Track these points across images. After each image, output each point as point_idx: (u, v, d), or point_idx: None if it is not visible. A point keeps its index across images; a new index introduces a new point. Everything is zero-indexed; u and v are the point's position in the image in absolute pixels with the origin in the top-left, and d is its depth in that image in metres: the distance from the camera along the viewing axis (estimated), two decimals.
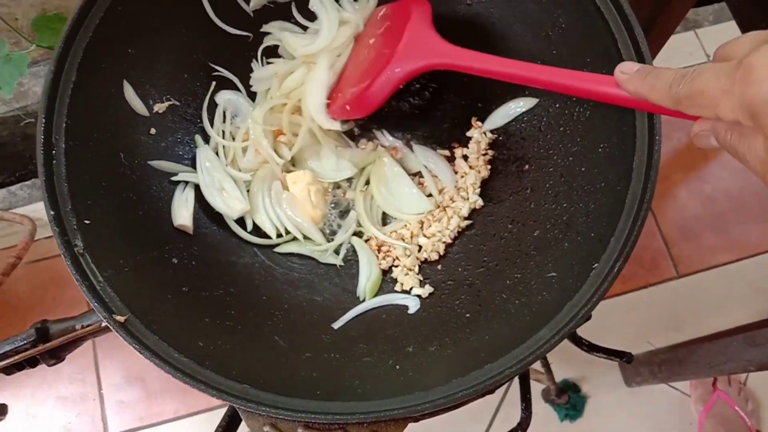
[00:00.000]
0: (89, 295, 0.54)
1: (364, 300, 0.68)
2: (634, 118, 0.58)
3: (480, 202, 0.72)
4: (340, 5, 0.74)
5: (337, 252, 0.71)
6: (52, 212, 0.56)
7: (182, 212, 0.67)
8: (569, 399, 1.35)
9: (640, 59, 0.58)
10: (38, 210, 1.56)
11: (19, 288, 1.51)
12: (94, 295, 0.55)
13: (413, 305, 0.67)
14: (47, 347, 0.65)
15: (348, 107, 0.67)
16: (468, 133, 0.75)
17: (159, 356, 0.53)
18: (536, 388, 1.36)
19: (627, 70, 0.48)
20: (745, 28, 0.78)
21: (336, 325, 0.65)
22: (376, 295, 0.68)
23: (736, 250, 1.53)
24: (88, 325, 0.65)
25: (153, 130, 0.69)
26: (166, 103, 0.70)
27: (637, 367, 1.33)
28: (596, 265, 0.55)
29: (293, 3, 0.74)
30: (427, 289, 0.68)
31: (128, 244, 0.61)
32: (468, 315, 0.63)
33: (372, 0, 0.75)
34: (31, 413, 1.42)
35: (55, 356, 0.68)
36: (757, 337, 0.93)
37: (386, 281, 0.70)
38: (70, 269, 0.55)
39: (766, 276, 1.51)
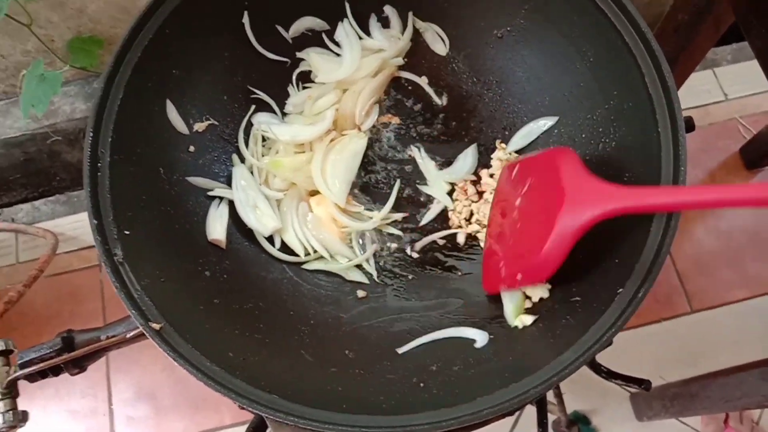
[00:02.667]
0: (127, 302, 0.56)
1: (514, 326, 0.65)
2: (660, 150, 0.60)
3: None
4: (369, 34, 0.77)
5: (362, 269, 0.73)
6: (95, 221, 0.59)
7: (216, 227, 0.69)
8: (579, 431, 1.34)
9: (666, 93, 0.61)
10: (60, 225, 1.59)
11: (37, 300, 1.53)
12: (132, 303, 0.56)
13: (481, 340, 0.64)
14: (72, 356, 0.67)
15: (519, 276, 0.62)
16: (492, 155, 0.77)
17: (192, 364, 0.54)
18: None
19: None
20: (766, 67, 0.80)
21: (401, 350, 0.65)
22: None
23: (751, 286, 1.53)
24: (112, 336, 0.67)
25: (192, 148, 0.71)
26: (206, 123, 0.73)
27: (649, 401, 1.33)
28: (621, 290, 0.56)
29: (324, 32, 0.77)
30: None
31: (165, 255, 0.64)
32: (492, 336, 0.64)
33: (406, 36, 0.78)
34: (41, 426, 1.43)
35: (79, 366, 0.69)
36: None
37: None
38: (110, 277, 0.57)
39: None
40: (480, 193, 0.76)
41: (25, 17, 1.15)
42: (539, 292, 0.65)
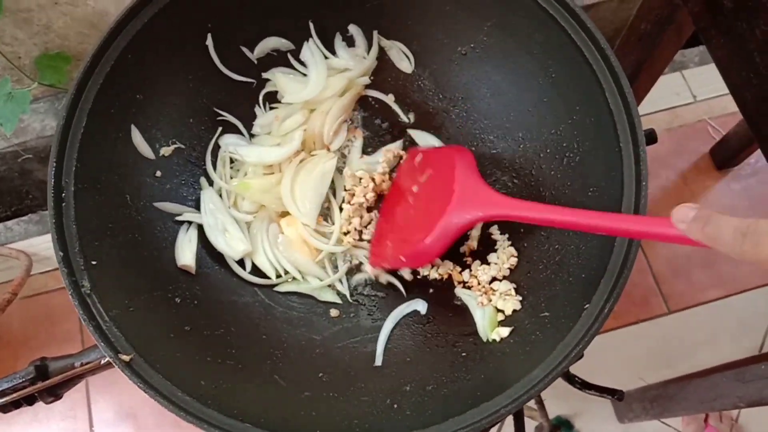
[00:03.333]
0: (96, 334, 0.56)
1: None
2: (621, 164, 0.61)
3: (473, 244, 0.74)
4: (335, 54, 0.77)
5: (334, 289, 0.73)
6: (60, 253, 0.58)
7: (185, 252, 0.69)
8: None
9: (626, 109, 0.62)
10: (34, 245, 1.57)
11: (12, 323, 1.51)
12: (100, 335, 0.56)
13: (422, 307, 0.70)
14: (46, 385, 0.66)
15: (403, 258, 0.66)
16: None
17: (163, 395, 0.54)
18: (529, 425, 1.36)
19: (683, 218, 0.47)
20: (726, 76, 0.81)
21: (378, 363, 0.67)
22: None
23: (725, 286, 1.56)
24: (87, 363, 0.66)
25: (159, 173, 0.71)
26: (172, 147, 0.72)
27: (630, 403, 1.34)
28: (587, 305, 0.57)
29: (289, 52, 0.78)
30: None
31: (133, 284, 0.63)
32: (464, 354, 0.65)
33: (371, 54, 0.78)
34: None
35: (53, 394, 0.68)
36: (747, 374, 0.94)
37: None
38: (78, 309, 0.57)
39: (754, 312, 1.53)
40: None
41: None
42: (511, 305, 0.66)
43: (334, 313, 0.72)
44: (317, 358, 0.67)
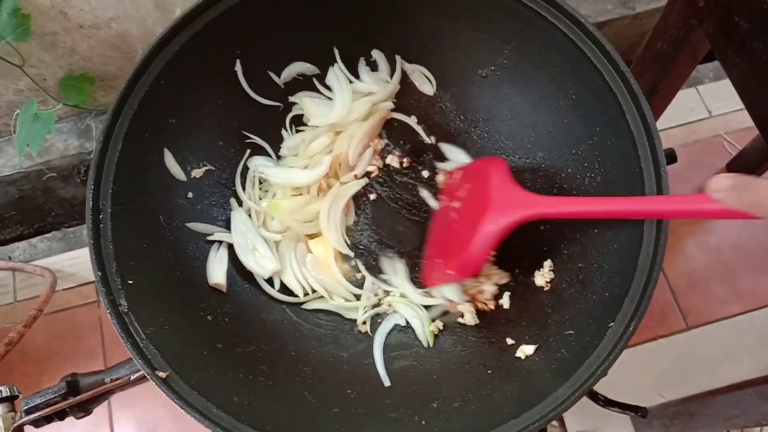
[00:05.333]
0: (134, 352, 0.58)
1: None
2: (642, 183, 0.62)
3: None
4: (359, 78, 0.79)
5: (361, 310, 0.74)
6: (99, 273, 0.60)
7: (217, 271, 0.71)
8: None
9: (647, 130, 0.63)
10: (57, 262, 1.60)
11: (37, 339, 1.53)
12: (138, 353, 0.58)
13: (401, 320, 0.73)
14: (77, 400, 0.68)
15: (451, 272, 0.68)
16: None
17: (199, 411, 0.56)
18: None
19: (720, 187, 0.46)
20: (743, 94, 0.83)
21: (386, 383, 0.69)
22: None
23: (744, 301, 1.55)
24: (116, 379, 0.68)
25: (190, 194, 0.73)
26: (203, 169, 0.75)
27: (650, 420, 1.34)
28: (612, 324, 0.58)
29: (314, 77, 0.80)
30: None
31: (167, 302, 0.65)
32: (490, 372, 0.66)
33: (394, 78, 0.80)
34: None
35: (84, 409, 0.70)
36: None
37: None
38: (116, 327, 0.58)
39: None
40: None
41: (17, 58, 1.17)
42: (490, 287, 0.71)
43: (362, 328, 0.73)
44: (345, 375, 0.68)
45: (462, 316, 0.72)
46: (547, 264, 0.71)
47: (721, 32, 0.84)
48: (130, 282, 0.62)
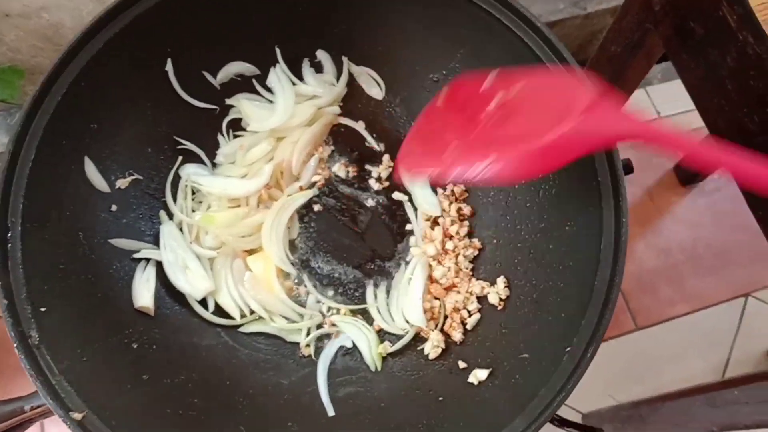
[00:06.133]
0: (44, 391, 0.52)
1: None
2: (600, 197, 0.59)
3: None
4: (303, 80, 0.74)
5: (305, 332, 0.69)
6: (5, 301, 0.53)
7: (143, 293, 0.64)
8: None
9: None
10: None
11: None
12: (49, 392, 0.52)
13: (347, 341, 0.68)
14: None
15: (494, 156, 0.51)
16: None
17: None
18: None
19: None
20: (696, 100, 0.81)
21: (330, 413, 0.64)
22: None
23: (691, 302, 1.57)
24: (37, 407, 0.61)
25: (114, 207, 0.66)
26: (129, 179, 0.68)
27: (601, 423, 1.33)
28: (569, 348, 0.55)
29: (254, 78, 0.74)
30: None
31: (86, 330, 0.59)
32: (441, 399, 0.62)
33: (341, 81, 0.75)
34: None
35: None
36: (717, 399, 0.94)
37: None
38: (24, 364, 0.52)
39: (720, 327, 1.54)
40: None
41: None
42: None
43: (306, 351, 0.68)
44: (285, 405, 0.63)
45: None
46: (501, 280, 0.67)
47: (677, 37, 0.82)
48: (43, 309, 0.55)
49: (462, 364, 0.64)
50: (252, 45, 0.73)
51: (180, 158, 0.72)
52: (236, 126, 0.75)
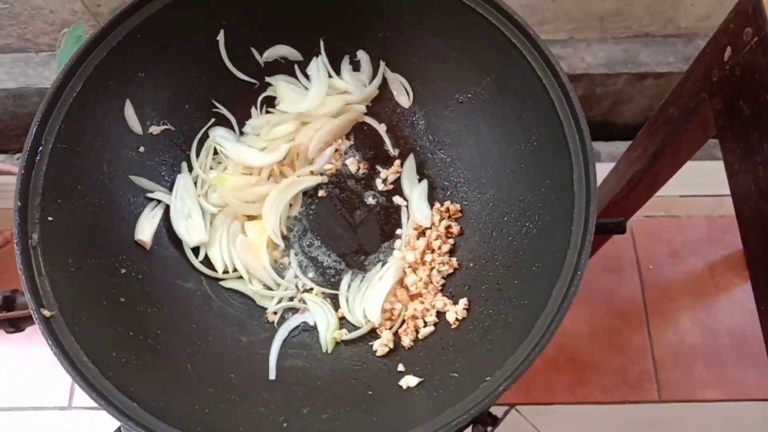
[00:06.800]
0: (26, 284, 0.59)
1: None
2: (567, 248, 0.60)
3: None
4: (339, 75, 0.79)
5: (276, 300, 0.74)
6: (19, 203, 0.62)
7: (146, 228, 0.72)
8: None
9: (588, 195, 0.61)
10: None
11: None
12: (30, 286, 0.59)
13: (311, 319, 0.73)
14: (9, 316, 0.70)
15: None
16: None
17: (67, 357, 0.57)
18: None
19: None
20: (732, 183, 0.79)
21: (272, 376, 0.69)
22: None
23: (726, 389, 1.48)
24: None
25: (142, 149, 0.74)
26: (162, 127, 0.76)
27: None
28: (488, 379, 0.57)
29: (296, 63, 0.80)
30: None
31: (84, 246, 0.66)
32: (371, 393, 0.65)
33: (374, 83, 0.80)
34: None
35: (15, 326, 0.73)
36: None
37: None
38: (18, 257, 0.60)
39: (749, 424, 1.45)
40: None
41: None
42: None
43: (271, 318, 0.73)
44: (236, 359, 0.69)
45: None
46: (463, 302, 0.69)
47: (726, 112, 0.80)
48: (50, 219, 0.63)
49: (401, 367, 0.67)
50: (301, 33, 0.79)
51: (212, 120, 0.79)
52: (270, 103, 0.81)
